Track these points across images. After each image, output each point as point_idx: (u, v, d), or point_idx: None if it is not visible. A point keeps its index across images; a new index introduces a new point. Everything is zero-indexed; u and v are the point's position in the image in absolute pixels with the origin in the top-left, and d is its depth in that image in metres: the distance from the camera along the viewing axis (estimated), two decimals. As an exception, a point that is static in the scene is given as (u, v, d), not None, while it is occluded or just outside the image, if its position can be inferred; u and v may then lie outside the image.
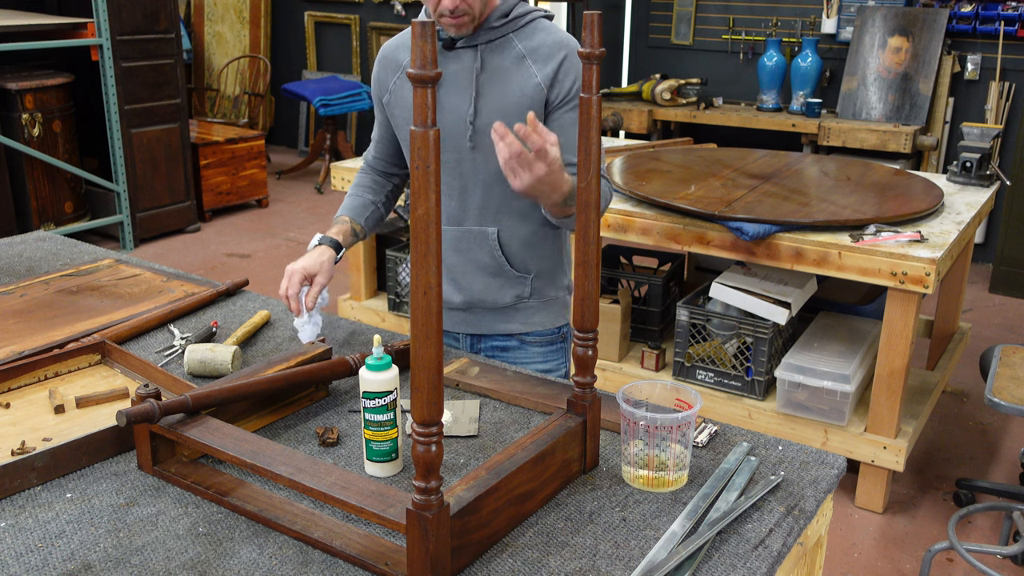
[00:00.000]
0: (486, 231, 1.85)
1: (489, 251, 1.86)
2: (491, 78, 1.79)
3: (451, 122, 1.81)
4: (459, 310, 1.95)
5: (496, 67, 1.79)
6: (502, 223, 1.85)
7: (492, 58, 1.80)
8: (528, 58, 1.79)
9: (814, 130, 5.19)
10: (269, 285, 4.90)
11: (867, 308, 3.49)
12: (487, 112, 1.78)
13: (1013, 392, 2.52)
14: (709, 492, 1.34)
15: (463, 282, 1.90)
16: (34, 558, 1.20)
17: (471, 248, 1.87)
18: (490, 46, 1.80)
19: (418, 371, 1.04)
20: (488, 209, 1.84)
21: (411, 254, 1.02)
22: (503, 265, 1.87)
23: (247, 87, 7.54)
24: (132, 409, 1.33)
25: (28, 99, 5.03)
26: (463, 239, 1.87)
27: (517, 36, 1.81)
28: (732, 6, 5.87)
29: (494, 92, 1.79)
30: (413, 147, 1.00)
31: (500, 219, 1.85)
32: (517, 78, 1.78)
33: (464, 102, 1.79)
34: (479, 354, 1.94)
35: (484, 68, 1.79)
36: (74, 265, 2.31)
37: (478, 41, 1.79)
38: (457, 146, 1.82)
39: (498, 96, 1.78)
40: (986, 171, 3.48)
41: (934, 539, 2.85)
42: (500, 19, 1.80)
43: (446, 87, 1.81)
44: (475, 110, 1.79)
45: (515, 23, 1.81)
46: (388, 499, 1.18)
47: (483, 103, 1.79)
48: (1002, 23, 4.99)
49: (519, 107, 1.77)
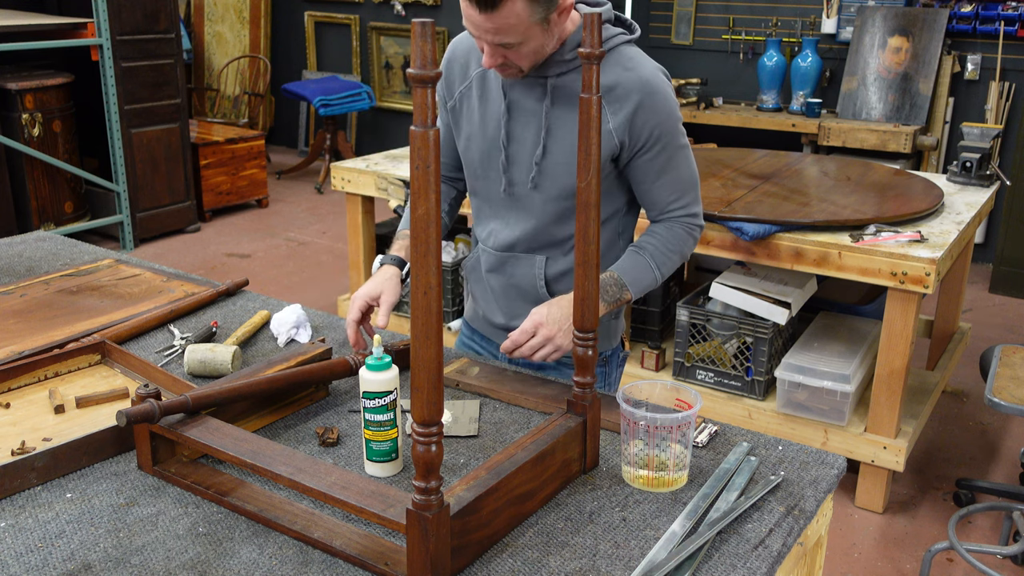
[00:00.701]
0: (534, 259, 1.79)
1: (532, 279, 1.80)
2: (561, 116, 1.67)
3: (519, 154, 1.72)
4: (501, 329, 1.88)
5: (567, 104, 1.66)
6: (550, 253, 1.78)
7: (562, 93, 1.66)
8: (603, 98, 1.62)
9: (814, 130, 5.19)
10: (269, 285, 4.90)
11: (867, 308, 3.49)
12: (555, 152, 1.68)
13: (1013, 392, 2.52)
14: (709, 492, 1.34)
15: (503, 304, 1.86)
16: (34, 558, 1.20)
17: (514, 273, 1.82)
18: (561, 79, 1.66)
19: (418, 371, 1.04)
20: (537, 242, 1.77)
21: (411, 254, 1.02)
22: (543, 295, 1.80)
23: (247, 87, 7.54)
24: (132, 409, 1.32)
25: (28, 99, 5.03)
26: (509, 263, 1.82)
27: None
28: (732, 6, 5.87)
29: (563, 132, 1.67)
30: (413, 147, 0.99)
31: (547, 250, 1.78)
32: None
33: (533, 137, 1.69)
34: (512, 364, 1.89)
35: (554, 104, 1.67)
36: (74, 265, 2.31)
37: (548, 73, 1.66)
38: (519, 179, 1.73)
39: (566, 137, 1.66)
40: (986, 171, 3.48)
41: (934, 539, 2.85)
42: (573, 51, 1.64)
43: (516, 116, 1.71)
44: (543, 149, 1.69)
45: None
46: (388, 499, 1.18)
47: (552, 143, 1.68)
48: (1002, 23, 4.99)
49: None
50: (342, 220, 6.06)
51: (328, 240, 5.79)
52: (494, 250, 1.83)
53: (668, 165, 1.70)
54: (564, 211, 1.73)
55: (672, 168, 1.71)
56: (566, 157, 1.68)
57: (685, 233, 1.76)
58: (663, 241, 1.74)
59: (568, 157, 1.67)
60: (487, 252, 1.85)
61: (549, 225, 1.75)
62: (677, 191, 1.74)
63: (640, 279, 1.73)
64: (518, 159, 1.73)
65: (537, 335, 1.64)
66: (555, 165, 1.69)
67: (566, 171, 1.69)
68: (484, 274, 1.87)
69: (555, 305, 1.67)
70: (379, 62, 7.41)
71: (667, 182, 1.72)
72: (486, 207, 1.83)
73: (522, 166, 1.73)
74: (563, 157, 1.68)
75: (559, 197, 1.72)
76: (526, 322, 1.65)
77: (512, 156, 1.73)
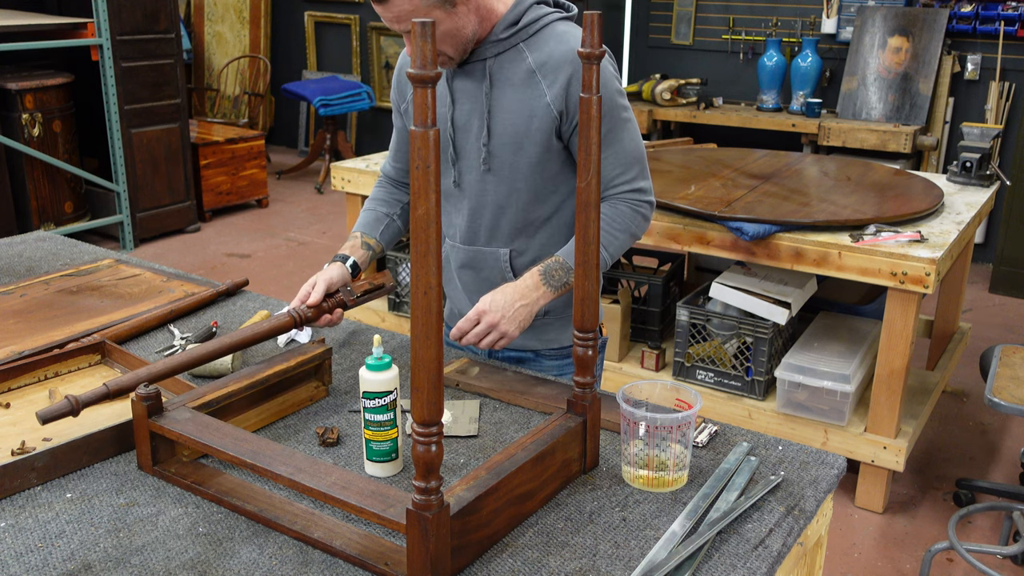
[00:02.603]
0: (498, 252, 1.79)
1: (500, 272, 1.80)
2: (501, 95, 1.68)
3: (465, 141, 1.73)
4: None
5: (506, 83, 1.67)
6: (514, 244, 1.78)
7: (501, 72, 1.68)
8: (538, 72, 1.66)
9: (814, 130, 5.19)
10: (269, 285, 4.90)
11: (867, 308, 3.49)
12: (500, 133, 1.69)
13: (1013, 392, 2.52)
14: (709, 492, 1.34)
15: (476, 299, 1.83)
16: (34, 558, 1.20)
17: (483, 268, 1.82)
18: (499, 59, 1.67)
19: (418, 371, 1.04)
20: (499, 230, 1.78)
21: (411, 254, 1.02)
22: None
23: (247, 87, 7.54)
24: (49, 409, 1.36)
25: (28, 99, 5.03)
26: (476, 258, 1.82)
27: (528, 46, 1.67)
28: (732, 6, 5.87)
29: (505, 111, 1.68)
30: (413, 147, 1.00)
31: (511, 240, 1.78)
32: (526, 96, 1.66)
33: (477, 121, 1.71)
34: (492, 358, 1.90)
35: (494, 84, 1.68)
36: (74, 265, 2.31)
37: (486, 55, 1.67)
38: (471, 166, 1.74)
39: (509, 116, 1.68)
40: (986, 171, 3.48)
41: (934, 539, 2.85)
42: (507, 29, 1.66)
43: (459, 104, 1.72)
44: (488, 131, 1.69)
45: (524, 32, 1.66)
46: (388, 499, 1.18)
47: (495, 123, 1.69)
48: (1002, 23, 4.99)
49: (530, 128, 1.67)
50: (342, 220, 6.06)
51: (328, 240, 5.78)
52: (460, 244, 1.83)
53: (609, 138, 1.68)
54: (519, 194, 1.74)
55: (614, 141, 1.70)
56: (511, 137, 1.69)
57: (631, 211, 1.73)
58: (607, 221, 1.71)
59: (513, 137, 1.68)
60: (455, 248, 1.85)
61: (507, 210, 1.75)
62: (620, 165, 1.72)
63: None
64: (467, 147, 1.74)
65: (481, 322, 1.65)
66: (501, 146, 1.70)
67: (512, 150, 1.70)
68: (455, 271, 1.88)
69: (500, 292, 1.67)
70: (379, 62, 7.41)
71: (610, 155, 1.70)
72: (445, 202, 1.84)
73: (471, 152, 1.74)
74: (508, 137, 1.69)
75: (512, 178, 1.72)
76: (471, 310, 1.66)
77: (460, 144, 1.74)
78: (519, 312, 1.65)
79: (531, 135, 1.68)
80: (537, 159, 1.70)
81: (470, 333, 1.65)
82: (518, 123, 1.68)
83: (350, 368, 1.76)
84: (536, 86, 1.66)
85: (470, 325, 1.66)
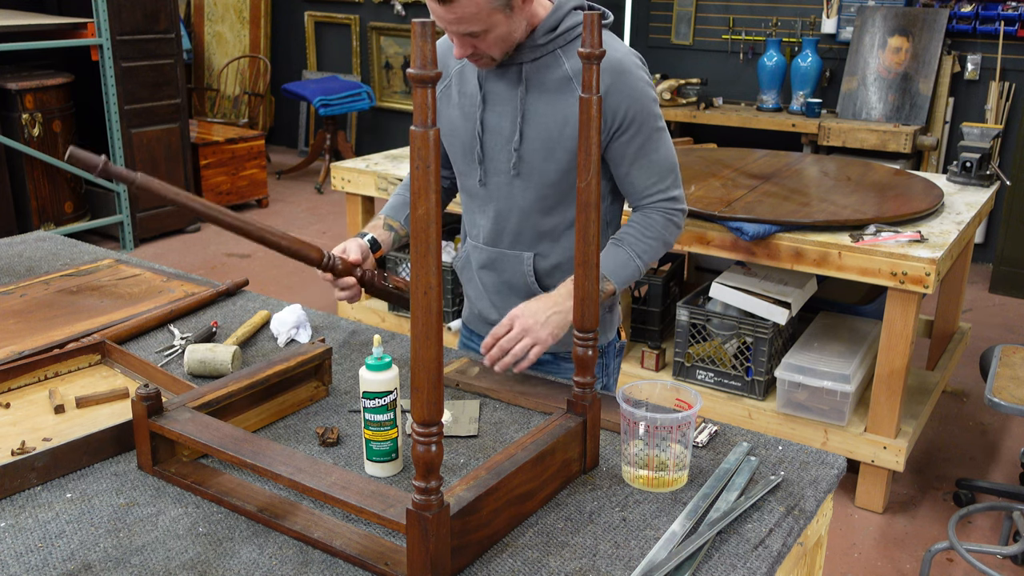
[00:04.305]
0: (521, 256, 1.79)
1: (522, 275, 1.80)
2: (536, 101, 1.67)
3: (495, 144, 1.72)
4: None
5: (541, 88, 1.66)
6: (538, 248, 1.78)
7: (537, 78, 1.67)
8: (574, 80, 1.65)
9: (814, 130, 5.19)
10: (269, 285, 4.90)
11: (867, 308, 3.49)
12: (532, 139, 1.68)
13: (1013, 392, 2.52)
14: (709, 492, 1.34)
15: (497, 300, 1.86)
16: (34, 558, 1.20)
17: (504, 270, 1.82)
18: (535, 64, 1.67)
19: (418, 371, 1.04)
20: (523, 234, 1.77)
21: (411, 254, 1.02)
22: (535, 291, 1.79)
23: (247, 87, 7.54)
24: (80, 152, 1.37)
25: (28, 99, 5.03)
26: (498, 260, 1.82)
27: (565, 53, 1.66)
28: (732, 6, 5.87)
29: (539, 117, 1.67)
30: (413, 147, 1.00)
31: (535, 245, 1.78)
32: (562, 104, 1.65)
33: (509, 125, 1.70)
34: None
35: (529, 89, 1.67)
36: (74, 265, 2.31)
37: (522, 59, 1.66)
38: (499, 168, 1.74)
39: (542, 122, 1.67)
40: (986, 171, 3.48)
41: (934, 539, 2.85)
42: (546, 35, 1.64)
43: (491, 106, 1.71)
44: (520, 136, 1.69)
45: (563, 38, 1.65)
46: (388, 499, 1.18)
47: (528, 128, 1.68)
48: (1002, 23, 4.99)
49: (563, 135, 1.66)
50: (342, 220, 6.06)
51: (328, 240, 5.78)
52: (483, 245, 1.83)
53: (644, 148, 1.70)
54: (547, 200, 1.74)
55: (650, 151, 1.70)
56: (543, 143, 1.68)
57: (664, 219, 1.74)
58: (640, 230, 1.73)
59: (545, 143, 1.68)
60: (477, 248, 1.85)
61: (533, 215, 1.75)
62: (655, 175, 1.72)
63: (620, 270, 1.72)
64: (496, 149, 1.73)
65: (514, 327, 1.63)
66: (533, 151, 1.69)
67: (544, 156, 1.69)
68: (476, 271, 1.88)
69: (534, 300, 1.67)
70: (379, 62, 7.41)
71: (644, 165, 1.71)
72: (471, 201, 1.84)
73: (501, 155, 1.73)
74: (540, 143, 1.68)
75: (541, 184, 1.72)
76: (505, 317, 1.65)
77: (488, 146, 1.73)
78: (552, 319, 1.64)
79: (563, 142, 1.67)
80: (567, 166, 1.69)
81: (503, 339, 1.63)
82: (551, 129, 1.67)
83: (350, 368, 1.76)
84: (571, 93, 1.65)
85: (503, 331, 1.64)
